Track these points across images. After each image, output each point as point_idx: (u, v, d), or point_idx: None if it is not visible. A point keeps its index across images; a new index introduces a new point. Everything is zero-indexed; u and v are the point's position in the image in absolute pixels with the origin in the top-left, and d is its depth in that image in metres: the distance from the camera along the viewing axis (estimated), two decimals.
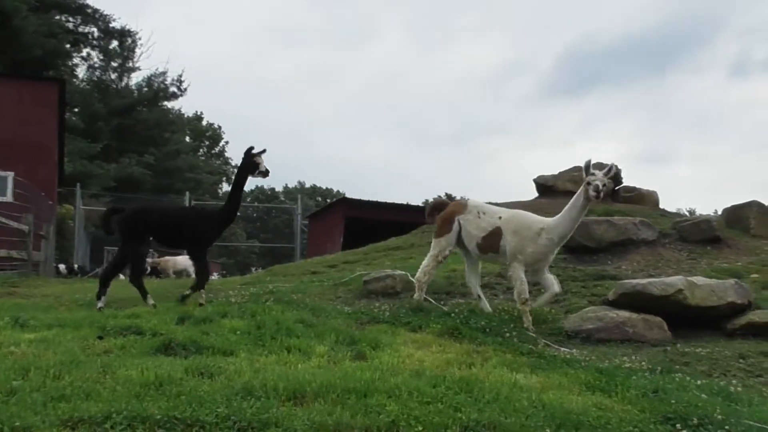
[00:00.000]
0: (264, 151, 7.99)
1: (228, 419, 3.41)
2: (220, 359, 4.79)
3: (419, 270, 7.98)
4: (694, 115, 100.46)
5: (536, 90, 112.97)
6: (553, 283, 7.33)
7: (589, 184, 6.75)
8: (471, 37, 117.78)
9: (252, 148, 7.99)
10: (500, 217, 7.47)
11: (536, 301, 7.44)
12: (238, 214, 8.92)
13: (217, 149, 59.43)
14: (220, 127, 58.85)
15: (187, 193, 29.00)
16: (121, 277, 13.51)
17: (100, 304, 7.56)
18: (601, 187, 6.67)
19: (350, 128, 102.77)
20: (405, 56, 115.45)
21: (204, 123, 57.72)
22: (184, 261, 19.73)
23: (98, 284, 7.85)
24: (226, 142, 59.29)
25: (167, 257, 21.28)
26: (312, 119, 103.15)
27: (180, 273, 19.81)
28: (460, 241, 7.83)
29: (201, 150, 57.34)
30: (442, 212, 8.06)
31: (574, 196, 7.09)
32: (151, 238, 8.19)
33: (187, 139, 52.55)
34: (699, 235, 10.83)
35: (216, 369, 4.40)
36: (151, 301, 7.61)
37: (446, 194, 56.78)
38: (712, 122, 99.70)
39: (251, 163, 7.95)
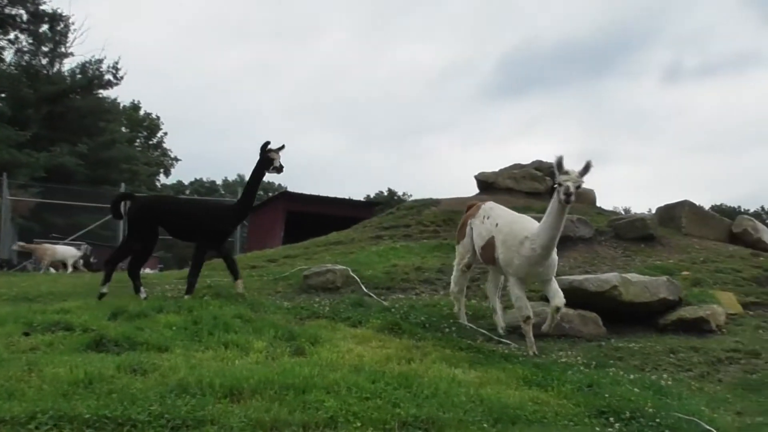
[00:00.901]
0: (282, 147, 7.77)
1: (161, 417, 3.32)
2: (155, 355, 4.67)
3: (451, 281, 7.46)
4: (629, 118, 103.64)
5: (477, 90, 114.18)
6: (554, 295, 6.27)
7: (560, 185, 5.79)
8: (414, 37, 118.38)
9: (268, 143, 7.75)
10: (496, 225, 6.65)
11: (543, 326, 6.40)
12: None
13: (155, 140, 57.85)
14: (158, 118, 57.26)
15: (123, 184, 28.19)
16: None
17: (142, 295, 7.57)
18: (572, 189, 5.69)
19: (292, 123, 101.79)
20: (349, 53, 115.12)
21: (141, 113, 56.12)
22: (64, 251, 15.99)
23: (129, 279, 7.80)
24: (165, 133, 57.80)
25: (46, 245, 16.86)
26: (253, 112, 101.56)
27: (57, 265, 15.82)
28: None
29: (138, 140, 55.69)
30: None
31: (551, 201, 6.14)
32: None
33: (124, 129, 50.91)
34: (634, 233, 11.18)
35: (150, 365, 4.28)
36: (104, 290, 7.41)
37: (388, 189, 57.09)
38: (647, 125, 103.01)
39: (266, 159, 7.72)
